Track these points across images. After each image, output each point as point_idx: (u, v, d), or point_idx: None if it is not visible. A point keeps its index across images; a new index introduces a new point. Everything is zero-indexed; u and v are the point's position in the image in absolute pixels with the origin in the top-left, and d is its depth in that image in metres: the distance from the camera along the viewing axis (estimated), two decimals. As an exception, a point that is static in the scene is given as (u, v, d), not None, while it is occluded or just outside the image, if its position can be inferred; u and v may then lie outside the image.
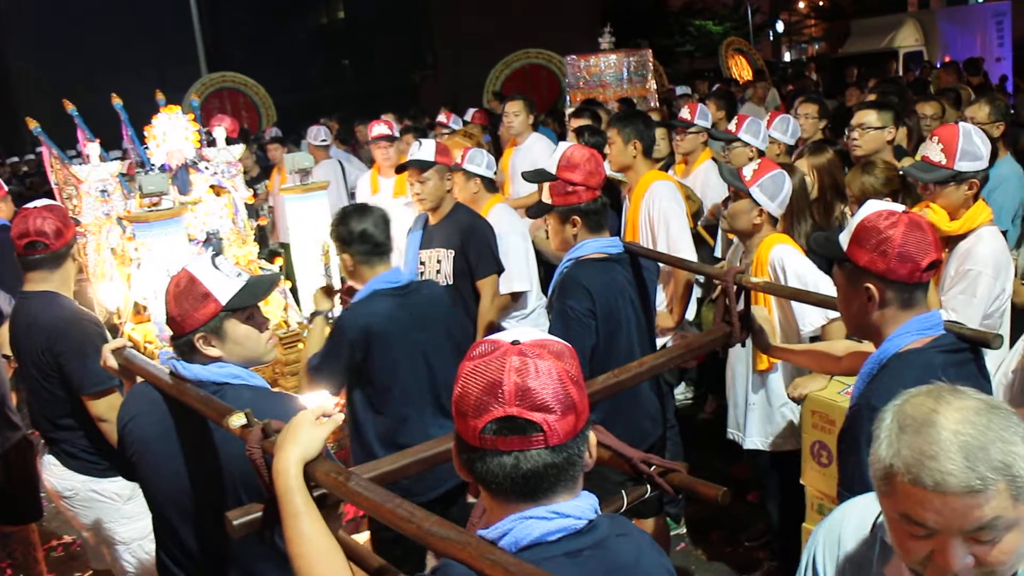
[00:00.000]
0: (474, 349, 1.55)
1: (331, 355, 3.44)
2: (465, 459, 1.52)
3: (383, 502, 1.67)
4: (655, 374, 2.81)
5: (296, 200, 4.56)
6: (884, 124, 4.71)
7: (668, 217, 4.56)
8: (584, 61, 9.72)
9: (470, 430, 1.48)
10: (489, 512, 1.57)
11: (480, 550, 1.46)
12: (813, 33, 43.18)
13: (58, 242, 3.54)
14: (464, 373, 1.51)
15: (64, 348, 3.48)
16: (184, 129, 4.36)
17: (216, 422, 2.15)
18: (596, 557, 1.51)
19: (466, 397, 1.48)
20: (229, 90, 16.44)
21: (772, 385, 3.86)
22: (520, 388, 1.46)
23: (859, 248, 2.25)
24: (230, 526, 1.90)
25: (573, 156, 3.41)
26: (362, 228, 3.48)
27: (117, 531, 3.61)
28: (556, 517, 1.50)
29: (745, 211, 3.78)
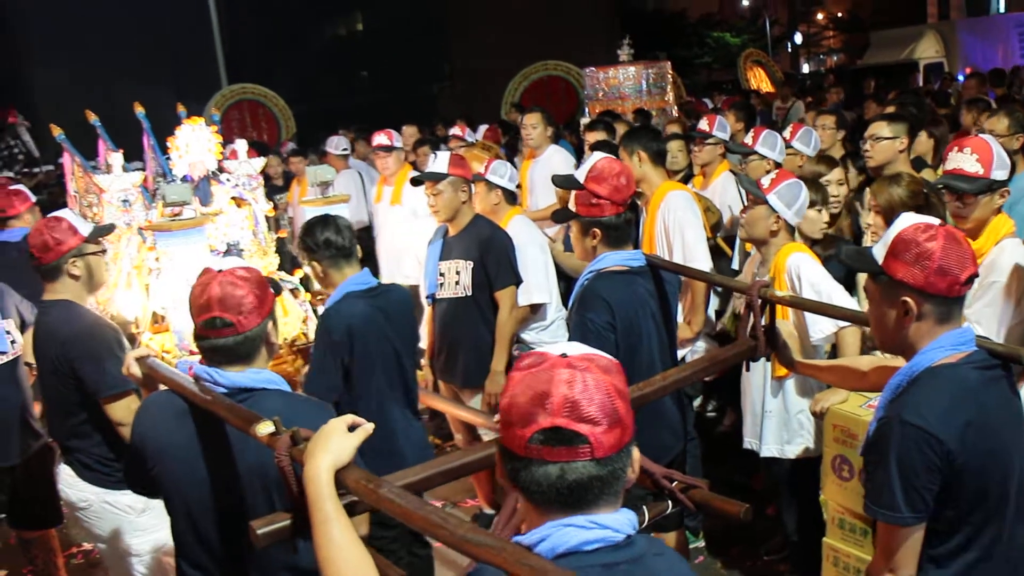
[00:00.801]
0: (522, 361, 1.57)
1: (324, 362, 3.60)
2: (510, 468, 1.53)
3: (415, 509, 1.69)
4: (680, 387, 2.80)
5: (317, 212, 4.56)
6: (896, 135, 4.70)
7: (683, 226, 4.59)
8: (603, 73, 9.72)
9: (516, 439, 1.50)
10: (528, 521, 1.57)
11: (516, 555, 1.47)
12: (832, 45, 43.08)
13: (46, 256, 3.59)
14: (512, 383, 1.53)
15: (79, 353, 3.50)
16: (206, 140, 4.38)
17: (243, 430, 2.14)
18: (632, 573, 1.52)
19: (514, 407, 1.51)
20: (249, 102, 16.50)
21: (789, 392, 3.85)
22: (568, 400, 1.47)
23: (896, 261, 2.23)
24: (254, 535, 1.91)
25: (603, 169, 3.41)
26: (326, 236, 3.71)
27: (131, 543, 3.62)
28: (595, 527, 1.51)
29: (762, 218, 3.82)
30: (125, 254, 4.45)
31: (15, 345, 4.21)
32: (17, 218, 5.96)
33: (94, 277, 3.72)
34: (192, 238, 4.00)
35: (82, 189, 4.70)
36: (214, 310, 2.43)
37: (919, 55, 20.07)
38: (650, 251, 4.65)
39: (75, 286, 3.67)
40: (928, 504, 2.15)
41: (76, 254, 3.64)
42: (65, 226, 3.64)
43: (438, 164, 4.64)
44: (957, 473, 2.14)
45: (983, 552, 2.22)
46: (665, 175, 4.93)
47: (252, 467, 2.44)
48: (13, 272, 4.92)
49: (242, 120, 15.95)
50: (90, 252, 3.69)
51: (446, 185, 4.60)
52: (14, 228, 5.96)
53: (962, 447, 2.13)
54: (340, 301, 3.67)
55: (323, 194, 4.59)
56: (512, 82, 16.27)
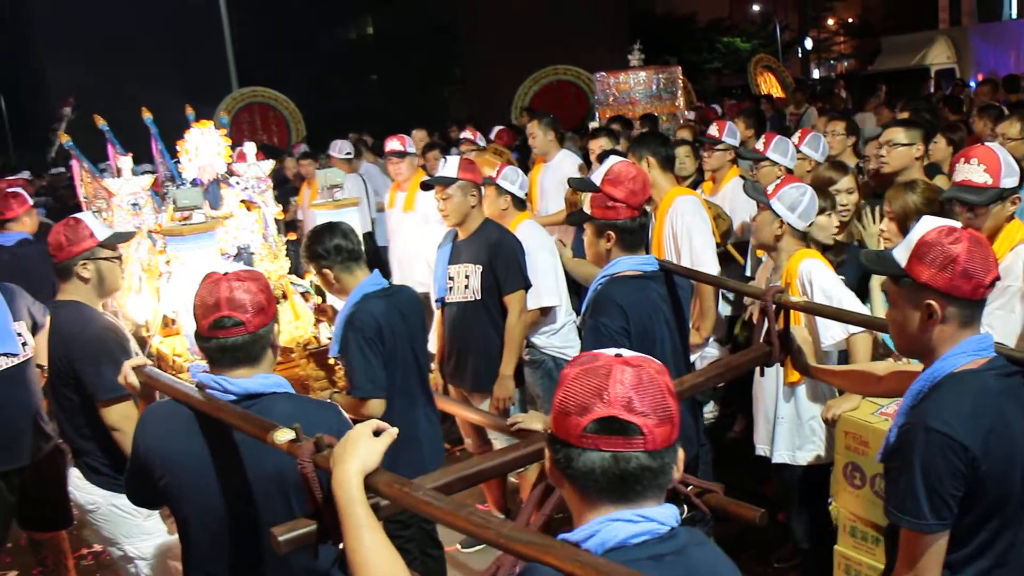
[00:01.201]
0: (577, 359, 1.63)
1: (366, 360, 3.61)
2: (562, 456, 1.57)
3: (455, 510, 1.70)
4: (695, 393, 2.79)
5: (327, 215, 4.56)
6: (912, 141, 4.68)
7: (691, 231, 4.58)
8: (613, 78, 9.72)
9: (572, 428, 1.54)
10: (576, 516, 1.61)
11: (566, 552, 1.50)
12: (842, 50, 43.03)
13: (59, 255, 3.64)
14: (569, 378, 1.58)
15: (80, 355, 3.52)
16: (216, 144, 4.38)
17: (259, 439, 2.11)
18: (677, 563, 1.56)
19: (571, 398, 1.56)
20: (259, 104, 16.55)
21: (801, 398, 3.83)
22: (625, 393, 1.54)
23: (921, 264, 2.22)
24: (276, 542, 1.90)
25: (620, 172, 3.41)
26: (335, 242, 3.73)
27: (138, 546, 3.62)
28: (642, 520, 1.56)
29: (767, 223, 3.82)
30: (135, 258, 4.46)
31: (26, 347, 4.21)
32: (15, 221, 5.95)
33: (105, 282, 3.72)
34: (203, 242, 4.00)
35: (91, 194, 4.72)
36: (223, 309, 2.43)
37: (930, 61, 20.03)
38: (658, 257, 4.64)
39: (85, 288, 3.68)
40: (952, 510, 2.14)
41: (87, 257, 3.65)
42: (81, 228, 3.67)
43: (448, 168, 4.64)
44: (980, 480, 2.13)
45: (998, 559, 2.22)
46: (674, 180, 4.93)
47: (269, 474, 2.42)
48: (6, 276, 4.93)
49: (252, 123, 16.00)
50: (102, 257, 3.69)
51: (455, 189, 4.60)
52: (10, 232, 5.95)
53: (986, 454, 2.12)
54: (361, 301, 3.68)
55: (333, 197, 4.58)
56: (522, 86, 16.27)
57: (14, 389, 4.15)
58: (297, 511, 2.37)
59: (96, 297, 3.73)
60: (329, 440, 1.95)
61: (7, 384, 4.11)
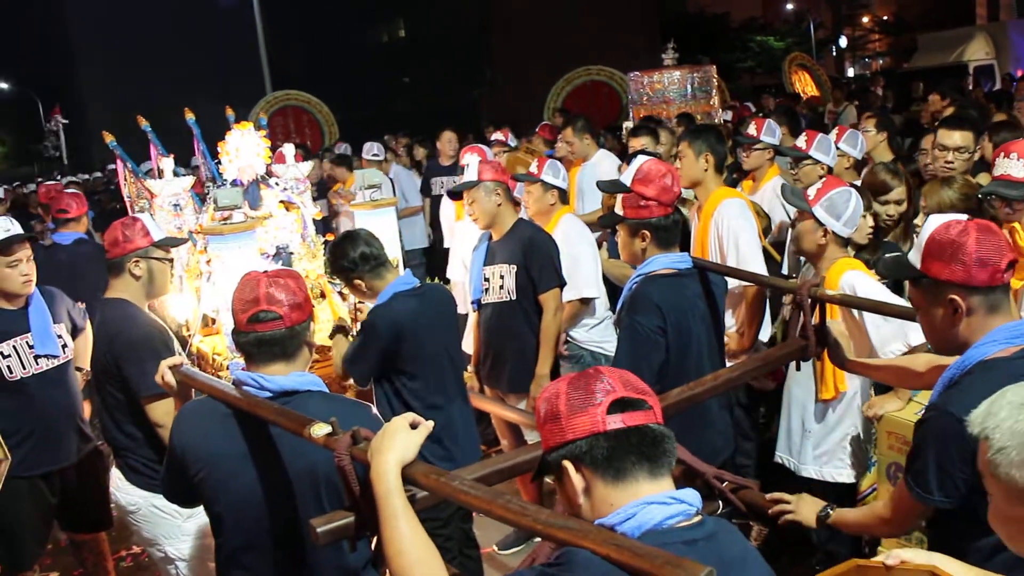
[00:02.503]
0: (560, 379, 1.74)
1: (364, 352, 3.70)
2: (588, 453, 1.63)
3: (493, 499, 1.72)
4: (730, 387, 2.79)
5: (366, 216, 4.59)
6: (977, 144, 4.64)
7: (738, 235, 4.44)
8: (647, 77, 9.67)
9: (589, 418, 1.62)
10: (600, 504, 1.65)
11: (603, 536, 1.53)
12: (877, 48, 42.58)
13: (113, 251, 3.74)
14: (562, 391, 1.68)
15: (123, 352, 3.56)
16: (256, 145, 4.42)
17: (296, 433, 2.15)
18: (709, 548, 1.60)
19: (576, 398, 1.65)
20: (293, 108, 16.67)
21: (835, 414, 3.76)
22: (618, 379, 1.67)
23: (935, 262, 2.24)
24: (314, 533, 1.93)
25: (649, 170, 3.40)
26: (360, 251, 3.76)
27: (178, 547, 3.65)
28: (674, 502, 1.62)
29: (809, 232, 3.68)
30: (176, 258, 4.51)
31: (66, 349, 4.27)
32: (77, 221, 6.11)
33: (155, 282, 3.79)
34: (242, 241, 4.04)
35: (134, 194, 4.78)
36: (262, 304, 2.49)
37: (968, 57, 19.75)
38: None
39: (135, 287, 3.74)
40: (962, 492, 2.16)
41: (141, 255, 3.73)
42: (138, 227, 3.76)
43: (469, 172, 4.67)
44: None
45: None
46: (721, 181, 4.78)
47: (302, 470, 2.46)
48: (60, 274, 5.02)
49: (286, 126, 16.11)
50: (155, 256, 3.77)
51: (478, 192, 4.61)
52: (68, 231, 6.11)
53: None
54: (390, 300, 3.71)
55: (371, 198, 4.61)
56: (555, 87, 16.25)
57: (54, 391, 4.21)
58: (327, 507, 2.41)
59: (143, 296, 3.79)
60: (365, 433, 1.98)
61: (48, 386, 4.18)
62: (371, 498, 1.86)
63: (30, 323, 4.12)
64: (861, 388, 3.77)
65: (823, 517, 2.57)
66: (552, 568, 1.59)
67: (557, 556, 1.60)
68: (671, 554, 1.45)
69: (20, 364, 4.08)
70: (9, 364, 4.05)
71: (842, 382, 3.69)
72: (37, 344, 4.11)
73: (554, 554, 1.63)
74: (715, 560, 1.54)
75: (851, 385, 3.71)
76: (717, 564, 1.50)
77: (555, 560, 1.60)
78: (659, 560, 1.43)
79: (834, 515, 2.57)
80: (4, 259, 3.98)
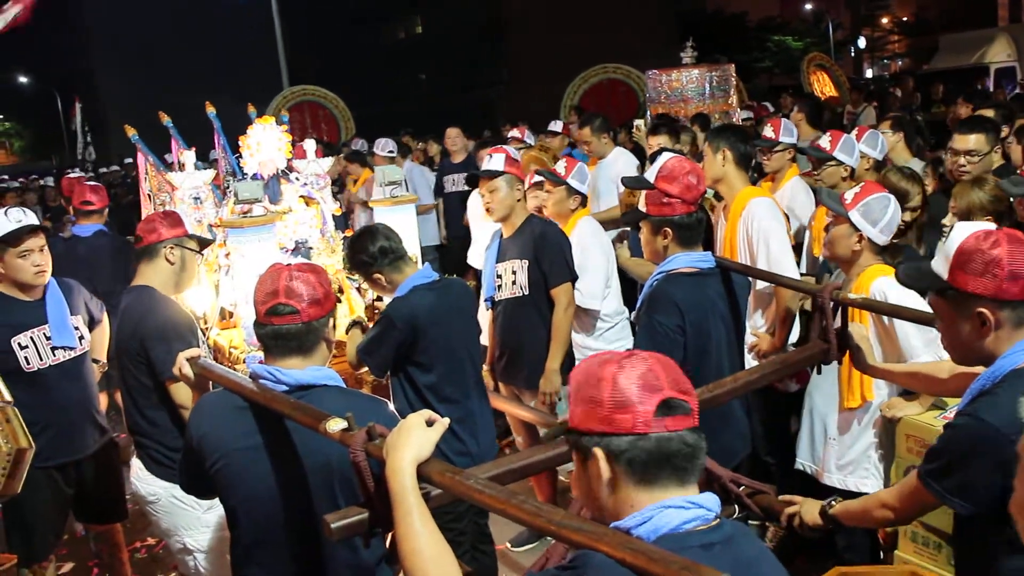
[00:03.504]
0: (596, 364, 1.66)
1: (380, 342, 3.69)
2: (626, 451, 1.59)
3: (507, 499, 1.70)
4: (750, 389, 2.77)
5: (385, 212, 4.59)
6: (992, 146, 4.59)
7: (768, 236, 4.37)
8: (665, 76, 9.60)
9: (637, 417, 1.58)
10: (625, 507, 1.62)
11: (618, 540, 1.51)
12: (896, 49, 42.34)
13: (149, 237, 3.81)
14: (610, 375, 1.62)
15: (149, 334, 3.59)
16: (276, 140, 4.42)
17: (312, 428, 2.15)
18: (725, 552, 1.58)
19: (625, 389, 1.60)
20: (310, 103, 16.72)
21: (860, 423, 3.70)
22: (669, 376, 1.62)
23: (964, 273, 2.18)
24: (328, 529, 1.92)
25: (674, 168, 3.37)
26: (379, 245, 3.76)
27: (197, 538, 3.66)
28: (692, 507, 1.60)
29: (844, 236, 3.56)
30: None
31: (83, 341, 4.30)
32: (99, 213, 6.16)
33: (186, 270, 3.87)
34: (262, 235, 4.05)
35: (155, 188, 4.79)
36: (280, 297, 2.49)
37: (990, 59, 19.58)
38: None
39: (165, 274, 3.80)
40: (983, 499, 2.12)
41: (176, 242, 3.81)
42: (176, 218, 3.89)
43: (494, 162, 4.64)
44: None
45: None
46: (747, 179, 4.69)
47: (317, 465, 2.46)
48: (79, 266, 5.04)
49: (303, 121, 16.15)
50: (189, 247, 3.86)
51: (502, 182, 4.60)
52: (87, 224, 6.15)
53: None
54: (409, 293, 3.71)
55: (391, 194, 4.60)
56: (572, 85, 16.22)
57: (71, 382, 4.23)
58: (341, 502, 2.40)
59: (172, 286, 3.84)
60: (381, 429, 1.97)
61: (64, 377, 4.20)
62: (386, 495, 1.85)
63: (47, 314, 4.15)
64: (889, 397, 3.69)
65: (826, 507, 2.55)
66: (566, 571, 1.57)
67: (571, 559, 1.59)
68: (687, 559, 1.43)
69: (37, 355, 4.10)
70: (26, 355, 4.08)
71: (869, 391, 3.61)
72: (54, 335, 4.14)
73: (568, 556, 1.62)
74: (731, 564, 1.53)
75: (878, 394, 3.64)
76: (733, 568, 1.49)
77: (569, 563, 1.58)
78: (675, 565, 1.41)
79: (837, 506, 2.55)
80: (14, 249, 4.00)
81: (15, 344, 4.05)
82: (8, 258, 4.02)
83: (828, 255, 3.74)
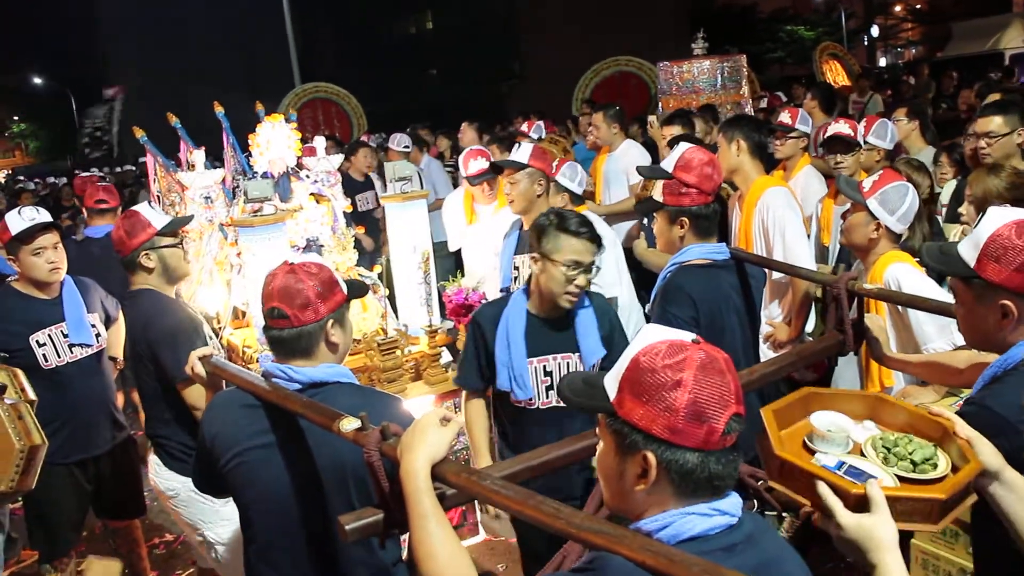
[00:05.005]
0: (664, 351, 1.56)
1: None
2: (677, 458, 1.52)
3: (525, 499, 1.66)
4: (766, 382, 2.74)
5: (396, 208, 4.58)
6: (1012, 128, 4.54)
7: (784, 225, 4.36)
8: (677, 67, 9.57)
9: (711, 433, 1.51)
10: (654, 504, 1.57)
11: (638, 543, 1.47)
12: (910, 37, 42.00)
13: (122, 249, 3.71)
14: (691, 378, 1.51)
15: (158, 337, 3.57)
16: (286, 137, 4.42)
17: (325, 427, 2.12)
18: (748, 551, 1.56)
19: (705, 400, 1.51)
20: (322, 100, 16.71)
21: None
22: (736, 388, 1.54)
23: (993, 263, 2.11)
24: (342, 531, 1.87)
25: (691, 158, 3.36)
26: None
27: (216, 531, 3.66)
28: (717, 514, 1.55)
29: (861, 224, 3.55)
30: (207, 250, 4.53)
31: (100, 338, 4.32)
32: (112, 212, 6.19)
33: (170, 269, 3.76)
34: (273, 234, 4.04)
35: (164, 188, 4.80)
36: (275, 300, 2.48)
37: (1004, 45, 19.43)
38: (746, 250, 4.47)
39: (153, 277, 3.74)
40: None
41: (148, 247, 3.71)
42: (138, 219, 3.72)
43: (519, 154, 4.63)
44: None
45: None
46: (762, 169, 4.67)
47: (330, 464, 2.44)
48: (93, 268, 5.06)
49: (315, 118, 16.14)
50: (163, 245, 3.73)
51: (523, 175, 4.58)
52: (100, 225, 6.18)
53: None
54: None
55: (402, 190, 4.60)
56: (583, 78, 16.16)
57: (88, 379, 4.27)
58: (355, 502, 2.39)
59: (166, 284, 3.78)
60: (395, 429, 1.93)
61: (82, 374, 4.24)
62: (400, 496, 1.81)
63: (64, 312, 4.18)
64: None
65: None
66: (583, 573, 1.54)
67: (588, 560, 1.55)
68: (708, 562, 1.40)
69: (55, 353, 4.14)
70: (44, 353, 4.12)
71: (888, 378, 3.59)
72: (71, 333, 4.17)
73: (586, 556, 1.58)
74: (754, 564, 1.51)
75: (897, 381, 3.61)
76: (756, 567, 1.48)
77: (587, 564, 1.55)
78: (696, 568, 1.38)
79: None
80: (28, 247, 4.05)
81: (33, 342, 4.09)
82: (23, 256, 4.07)
83: (845, 242, 3.72)
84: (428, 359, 4.26)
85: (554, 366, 3.34)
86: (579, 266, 3.20)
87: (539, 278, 3.30)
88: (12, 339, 4.06)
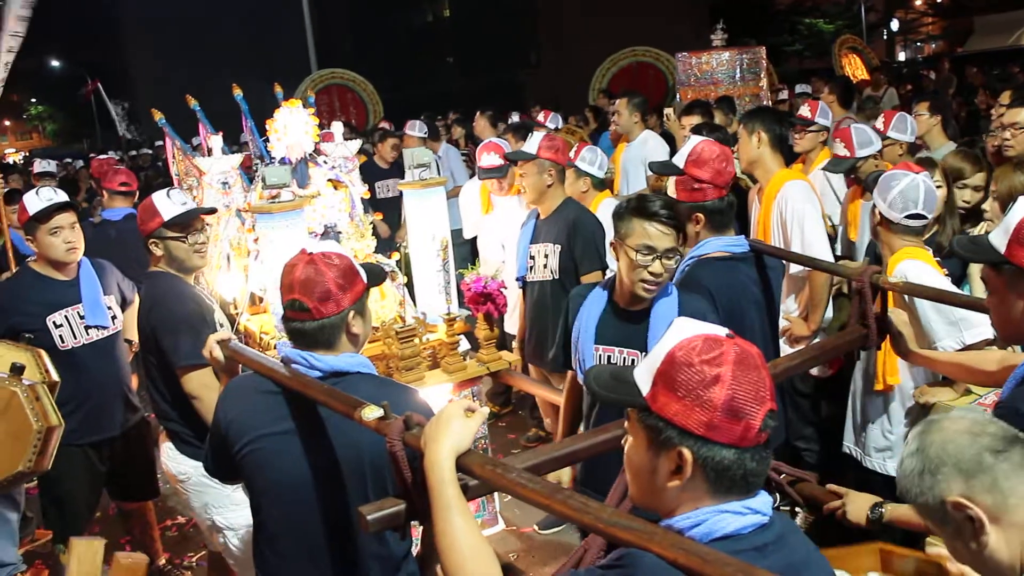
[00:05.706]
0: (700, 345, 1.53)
1: None
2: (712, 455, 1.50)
3: (552, 493, 1.65)
4: (789, 376, 2.72)
5: (414, 195, 4.56)
6: None
7: (802, 219, 4.33)
8: (696, 58, 9.54)
9: (747, 430, 1.50)
10: (686, 501, 1.55)
11: (670, 540, 1.46)
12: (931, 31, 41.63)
13: (140, 231, 3.72)
14: (728, 376, 1.50)
15: (158, 322, 3.58)
16: (304, 123, 4.40)
17: (347, 415, 2.10)
18: (778, 551, 1.54)
19: (742, 398, 1.49)
20: (338, 86, 16.70)
21: (891, 406, 3.66)
22: (769, 382, 1.53)
23: (1023, 249, 2.09)
24: (363, 521, 1.87)
25: (703, 152, 3.33)
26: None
27: (227, 516, 3.67)
28: (749, 513, 1.53)
29: (871, 214, 3.63)
30: (224, 236, 4.52)
31: (116, 320, 4.34)
32: (130, 195, 6.24)
33: (175, 261, 3.72)
34: (291, 220, 4.02)
35: (182, 172, 4.80)
36: (295, 292, 2.43)
37: (1026, 41, 19.26)
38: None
39: (165, 262, 3.73)
40: None
41: (156, 236, 3.69)
42: (150, 208, 3.71)
43: (528, 145, 4.63)
44: None
45: None
46: (782, 162, 4.66)
47: (347, 454, 2.41)
48: (110, 250, 5.09)
49: (331, 104, 16.15)
50: (168, 237, 3.69)
51: (531, 166, 4.59)
52: (117, 207, 6.22)
53: None
54: None
55: (420, 177, 4.58)
56: (600, 68, 16.10)
57: (104, 361, 4.29)
58: (371, 494, 2.36)
59: (178, 270, 3.74)
60: (418, 419, 1.92)
61: (97, 356, 4.26)
62: (423, 486, 1.80)
63: (81, 293, 4.20)
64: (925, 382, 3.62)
65: (875, 519, 2.46)
66: (613, 571, 1.51)
67: (617, 557, 1.52)
68: (743, 562, 1.39)
69: (71, 334, 4.16)
70: (61, 334, 4.13)
71: (892, 374, 3.56)
72: (87, 314, 4.20)
73: (613, 553, 1.55)
74: (784, 565, 1.50)
75: (903, 378, 3.59)
76: (786, 569, 1.46)
77: (616, 561, 1.52)
78: (730, 568, 1.37)
79: (887, 513, 2.46)
80: (45, 227, 4.08)
81: (50, 323, 4.11)
82: (40, 236, 4.09)
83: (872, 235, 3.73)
84: (446, 347, 4.24)
85: (618, 359, 3.13)
86: (652, 251, 2.93)
87: (619, 265, 3.12)
88: (29, 320, 4.08)
